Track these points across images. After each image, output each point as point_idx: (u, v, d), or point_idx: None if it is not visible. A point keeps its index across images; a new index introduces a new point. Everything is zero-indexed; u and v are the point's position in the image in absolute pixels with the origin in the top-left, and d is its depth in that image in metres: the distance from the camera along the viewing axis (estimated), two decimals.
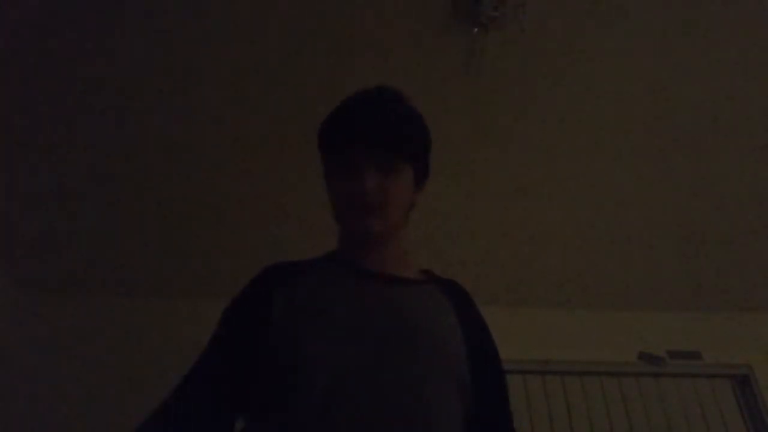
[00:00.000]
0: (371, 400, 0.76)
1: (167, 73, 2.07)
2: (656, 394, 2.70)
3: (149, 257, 2.64)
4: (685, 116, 2.25)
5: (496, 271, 2.71)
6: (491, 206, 2.52)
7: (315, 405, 0.76)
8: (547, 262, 2.72)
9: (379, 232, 0.94)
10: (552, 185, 2.45)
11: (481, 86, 2.14)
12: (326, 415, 0.75)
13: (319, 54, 2.04)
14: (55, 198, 2.41)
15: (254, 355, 0.84)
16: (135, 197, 2.43)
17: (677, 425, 2.63)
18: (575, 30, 2.01)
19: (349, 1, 1.93)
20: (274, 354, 0.83)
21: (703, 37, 2.03)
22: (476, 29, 1.95)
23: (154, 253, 2.62)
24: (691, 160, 2.37)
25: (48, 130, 2.20)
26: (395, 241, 1.01)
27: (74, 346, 2.58)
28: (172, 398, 0.85)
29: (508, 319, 2.48)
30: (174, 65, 2.06)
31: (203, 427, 0.82)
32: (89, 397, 2.44)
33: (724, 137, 2.31)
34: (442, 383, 0.82)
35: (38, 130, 2.20)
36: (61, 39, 1.96)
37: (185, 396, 0.85)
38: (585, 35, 2.02)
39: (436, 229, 2.58)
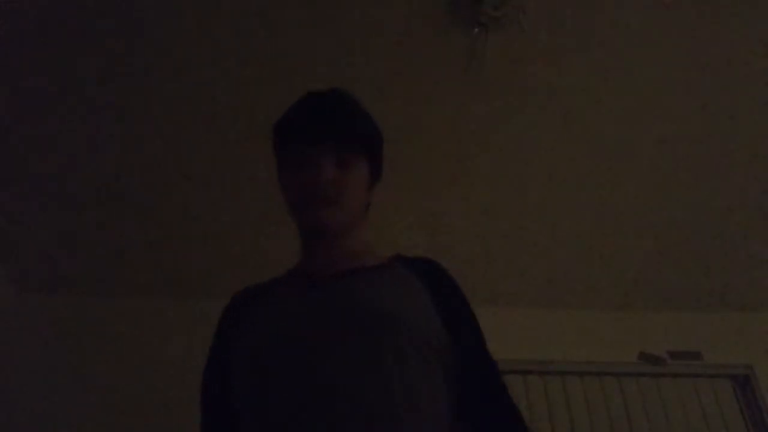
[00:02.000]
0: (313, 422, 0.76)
1: (169, 72, 2.08)
2: (656, 394, 2.70)
3: (149, 257, 2.64)
4: (686, 114, 2.25)
5: (497, 271, 2.71)
6: (490, 206, 2.52)
7: None
8: (547, 262, 2.72)
9: (334, 225, 0.95)
10: (551, 184, 2.45)
11: (481, 86, 2.14)
12: None
13: (319, 54, 2.04)
14: (55, 198, 2.41)
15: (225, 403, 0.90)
16: (135, 197, 2.43)
17: (677, 425, 2.62)
18: (575, 29, 2.01)
19: (349, 1, 1.93)
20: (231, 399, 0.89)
21: (708, 37, 2.03)
22: (476, 29, 1.95)
23: (154, 253, 2.62)
24: (690, 159, 2.38)
25: (46, 129, 2.20)
26: (353, 235, 1.00)
27: (74, 346, 2.58)
28: None
29: (508, 320, 2.48)
30: (176, 66, 2.06)
31: None
32: (90, 396, 2.44)
33: (724, 139, 2.31)
34: (401, 367, 0.79)
35: (36, 129, 2.20)
36: (60, 31, 1.96)
37: None
38: (585, 35, 2.03)
39: (434, 229, 2.58)
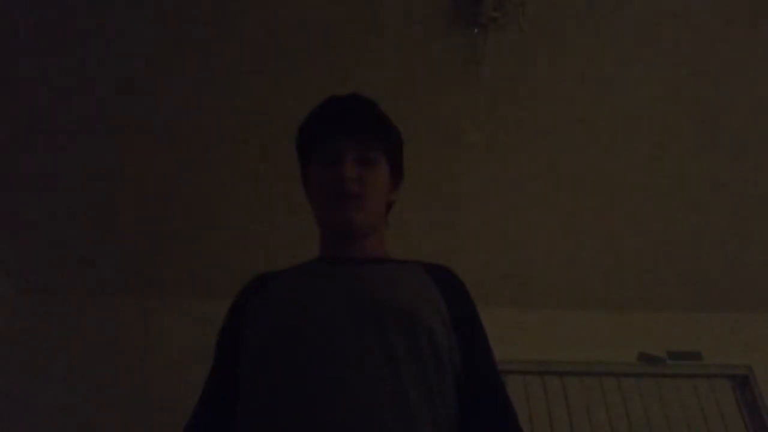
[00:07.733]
0: (322, 397, 0.76)
1: (170, 72, 2.08)
2: (656, 394, 2.70)
3: (150, 258, 2.64)
4: (687, 115, 2.25)
5: (498, 272, 2.71)
6: (490, 206, 2.52)
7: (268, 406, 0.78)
8: (547, 263, 2.72)
9: (358, 223, 0.97)
10: (551, 185, 2.45)
11: (481, 86, 2.14)
12: (277, 407, 0.77)
13: (319, 54, 2.04)
14: (55, 198, 2.41)
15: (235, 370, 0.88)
16: (135, 197, 2.43)
17: (677, 425, 2.62)
18: (575, 30, 2.01)
19: (349, 2, 1.93)
20: (242, 364, 0.87)
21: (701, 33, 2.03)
22: (476, 29, 1.95)
23: (154, 253, 2.62)
24: (691, 159, 2.37)
25: (47, 127, 2.20)
26: (375, 237, 1.03)
27: (74, 346, 2.58)
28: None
29: (508, 320, 2.48)
30: (177, 65, 2.06)
31: None
32: (89, 397, 2.44)
33: (724, 139, 2.31)
34: (407, 359, 0.80)
35: (37, 128, 2.20)
36: (59, 27, 1.96)
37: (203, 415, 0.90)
38: (585, 35, 2.03)
39: (436, 228, 2.57)
